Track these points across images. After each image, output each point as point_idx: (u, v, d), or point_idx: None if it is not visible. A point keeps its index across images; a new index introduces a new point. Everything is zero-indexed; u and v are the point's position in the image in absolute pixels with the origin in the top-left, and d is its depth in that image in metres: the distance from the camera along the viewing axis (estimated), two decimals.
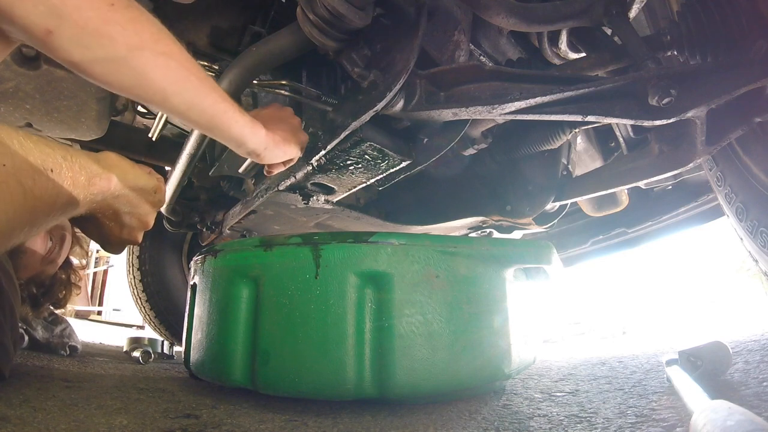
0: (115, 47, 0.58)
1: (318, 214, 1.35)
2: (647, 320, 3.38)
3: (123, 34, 0.58)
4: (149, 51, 0.61)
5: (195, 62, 0.68)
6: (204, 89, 0.69)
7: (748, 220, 0.87)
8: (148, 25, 0.61)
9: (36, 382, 0.94)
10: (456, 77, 0.86)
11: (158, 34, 0.62)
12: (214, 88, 0.71)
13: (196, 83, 0.67)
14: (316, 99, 1.08)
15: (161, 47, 0.62)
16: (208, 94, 0.69)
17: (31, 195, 0.52)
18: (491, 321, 0.91)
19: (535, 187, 1.27)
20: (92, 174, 0.62)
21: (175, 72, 0.64)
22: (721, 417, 0.52)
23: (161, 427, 0.67)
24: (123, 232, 0.75)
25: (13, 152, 0.50)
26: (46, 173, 0.54)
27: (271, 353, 0.84)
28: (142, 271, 2.28)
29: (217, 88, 0.71)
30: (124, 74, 0.61)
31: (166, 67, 0.63)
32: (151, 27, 0.62)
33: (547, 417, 0.77)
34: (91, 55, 0.58)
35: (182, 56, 0.65)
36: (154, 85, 0.64)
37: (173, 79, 0.65)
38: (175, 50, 0.64)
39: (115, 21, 0.57)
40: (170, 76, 0.64)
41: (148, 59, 0.61)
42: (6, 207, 0.49)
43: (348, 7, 0.77)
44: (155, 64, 0.62)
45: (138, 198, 0.72)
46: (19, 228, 0.53)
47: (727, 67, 0.74)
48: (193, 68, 0.67)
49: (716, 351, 0.92)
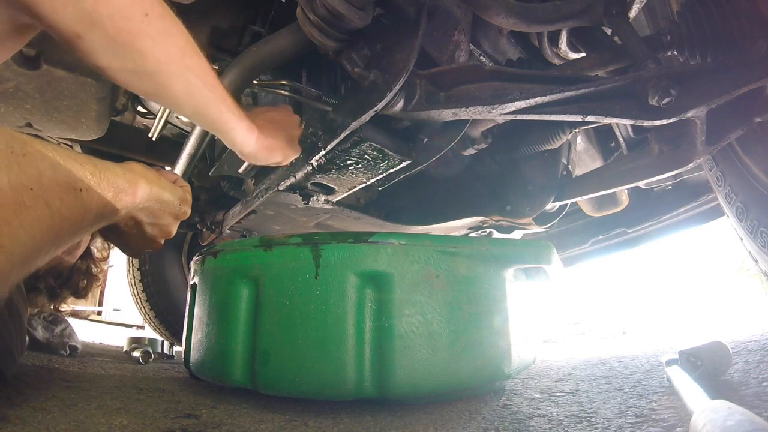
0: (144, 61, 0.60)
1: (318, 214, 1.35)
2: (647, 320, 3.38)
3: (153, 48, 0.59)
4: (175, 66, 0.63)
5: (211, 72, 0.71)
6: (214, 99, 0.72)
7: (748, 220, 0.87)
8: (176, 38, 0.63)
9: (36, 382, 0.94)
10: (456, 77, 0.86)
11: (185, 47, 0.64)
12: (223, 99, 0.74)
13: (208, 95, 0.71)
14: (316, 99, 1.08)
15: (186, 62, 0.65)
16: (216, 105, 0.73)
17: (59, 215, 0.50)
18: (491, 321, 0.91)
19: (535, 187, 1.27)
20: (119, 190, 0.60)
21: (193, 86, 0.68)
22: (721, 417, 0.52)
23: (161, 427, 0.67)
24: (144, 241, 0.76)
25: (41, 173, 0.48)
26: (75, 193, 0.52)
27: (271, 353, 0.84)
28: (142, 271, 2.28)
29: (225, 97, 0.75)
30: (148, 85, 0.64)
31: (186, 82, 0.67)
32: (179, 39, 0.63)
33: (547, 417, 0.77)
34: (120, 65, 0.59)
35: (202, 69, 0.68)
36: (172, 96, 0.67)
37: (189, 91, 0.68)
38: (197, 63, 0.67)
39: (147, 34, 0.58)
40: (188, 90, 0.68)
41: (173, 74, 0.64)
42: (33, 231, 0.47)
43: (348, 7, 0.77)
44: (179, 79, 0.65)
45: (162, 210, 0.73)
46: (45, 249, 0.51)
47: (727, 67, 0.74)
48: (209, 80, 0.70)
49: (716, 351, 0.92)
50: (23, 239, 0.46)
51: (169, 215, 0.75)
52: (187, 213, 0.79)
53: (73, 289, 1.43)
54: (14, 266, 0.46)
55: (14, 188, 0.45)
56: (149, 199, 0.68)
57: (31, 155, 0.47)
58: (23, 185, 0.46)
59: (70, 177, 0.51)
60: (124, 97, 1.34)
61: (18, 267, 0.47)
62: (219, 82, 0.73)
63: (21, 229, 0.45)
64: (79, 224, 0.55)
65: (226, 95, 0.75)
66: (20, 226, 0.45)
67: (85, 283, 1.47)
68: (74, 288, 1.43)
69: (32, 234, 0.47)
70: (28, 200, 0.46)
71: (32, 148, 0.48)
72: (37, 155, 0.48)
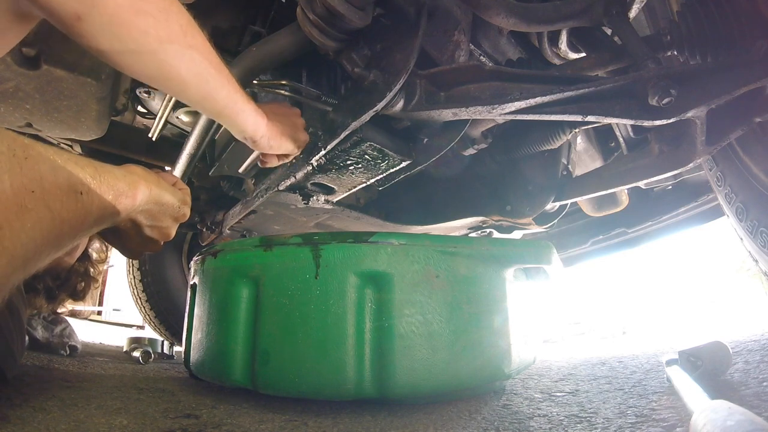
0: (146, 40, 0.58)
1: (318, 214, 1.35)
2: (647, 320, 3.38)
3: (155, 26, 0.57)
4: (178, 44, 0.61)
5: (214, 52, 0.69)
6: (220, 81, 0.70)
7: (748, 220, 0.87)
8: (178, 16, 0.61)
9: (36, 382, 0.94)
10: (456, 77, 0.86)
11: (187, 25, 0.62)
12: (229, 80, 0.72)
13: (215, 75, 0.69)
14: (316, 99, 1.08)
15: (189, 40, 0.63)
16: (224, 86, 0.71)
17: (59, 218, 0.50)
18: (491, 321, 0.91)
19: (535, 187, 1.27)
20: (119, 192, 0.60)
21: (198, 65, 0.65)
22: (721, 417, 0.52)
23: (161, 427, 0.67)
24: (143, 243, 0.75)
25: (43, 176, 0.48)
26: (75, 196, 0.52)
27: (271, 353, 0.84)
28: (142, 271, 2.28)
29: (231, 79, 0.73)
30: (151, 66, 0.62)
31: (191, 61, 0.64)
32: (181, 18, 0.61)
33: (547, 417, 0.77)
34: (121, 46, 0.58)
35: (205, 48, 0.66)
36: (177, 77, 0.65)
37: (195, 72, 0.66)
38: (200, 42, 0.65)
39: (147, 12, 0.56)
40: (193, 69, 0.65)
41: (176, 53, 0.62)
42: (34, 234, 0.47)
43: (348, 7, 0.77)
44: (182, 57, 0.63)
45: (161, 212, 0.72)
46: (46, 252, 0.51)
47: (727, 67, 0.74)
48: (214, 60, 0.68)
49: (716, 351, 0.92)
50: (24, 242, 0.46)
51: (169, 217, 0.75)
52: (187, 215, 0.79)
53: (71, 291, 1.43)
54: (15, 269, 0.46)
55: (16, 191, 0.45)
56: (149, 201, 0.67)
57: (32, 158, 0.47)
58: (25, 188, 0.46)
59: (70, 180, 0.51)
60: (124, 97, 1.34)
61: (19, 269, 0.47)
62: (223, 63, 0.71)
63: (22, 232, 0.45)
64: (79, 227, 0.55)
65: (231, 76, 0.73)
66: (21, 229, 0.45)
67: (83, 286, 1.47)
68: (72, 290, 1.43)
69: (33, 237, 0.47)
70: (30, 203, 0.46)
71: (34, 151, 0.48)
72: (39, 158, 0.48)
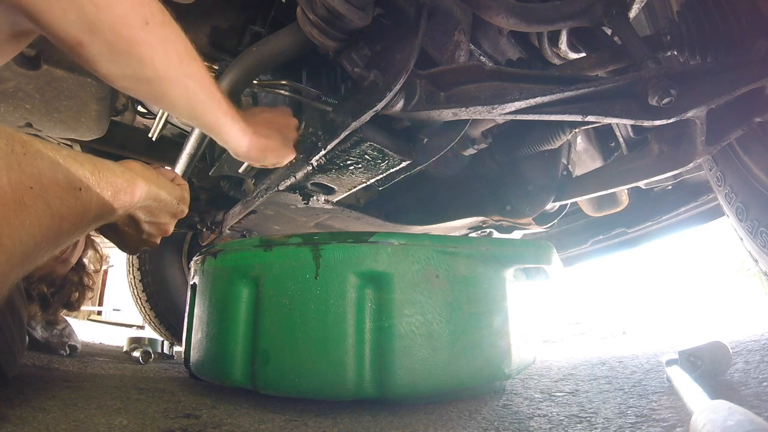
0: (143, 69, 0.61)
1: (318, 214, 1.35)
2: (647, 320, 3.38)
3: (152, 56, 0.60)
4: (173, 73, 0.64)
5: (209, 78, 0.72)
6: (210, 104, 0.73)
7: (748, 220, 0.87)
8: (176, 45, 0.63)
9: (36, 382, 0.94)
10: (456, 77, 0.86)
11: (185, 54, 0.65)
12: (219, 103, 0.75)
13: (205, 100, 0.72)
14: (316, 99, 1.07)
15: (185, 69, 0.66)
16: (212, 110, 0.75)
17: (58, 215, 0.50)
18: (491, 321, 0.91)
19: (535, 187, 1.27)
20: (118, 189, 0.61)
21: (189, 92, 0.69)
22: (721, 417, 0.52)
23: (161, 427, 0.67)
24: (141, 239, 0.76)
25: (42, 173, 0.48)
26: (74, 192, 0.52)
27: (271, 353, 0.84)
28: (142, 271, 2.28)
29: (222, 102, 0.76)
30: (146, 90, 0.65)
31: (184, 89, 0.68)
32: (179, 46, 0.64)
33: (547, 417, 0.77)
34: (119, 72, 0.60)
35: (201, 76, 0.69)
36: (170, 101, 0.68)
37: (186, 98, 0.69)
38: (196, 71, 0.68)
39: (146, 42, 0.59)
40: (185, 96, 0.69)
41: (171, 81, 0.65)
42: (33, 231, 0.47)
43: (348, 7, 0.77)
44: (176, 87, 0.66)
45: (159, 208, 0.73)
46: (45, 248, 0.51)
47: (727, 67, 0.74)
48: (206, 86, 0.71)
49: (716, 351, 0.92)
50: (23, 238, 0.46)
51: (167, 214, 0.75)
52: (185, 211, 0.79)
53: (65, 300, 1.44)
54: (14, 266, 0.47)
55: (15, 188, 0.45)
56: (147, 197, 0.68)
57: (31, 155, 0.47)
58: (24, 185, 0.46)
59: (69, 176, 0.51)
60: (124, 97, 1.34)
61: (18, 266, 0.48)
62: (216, 87, 0.74)
63: (21, 229, 0.46)
64: (78, 223, 0.55)
65: (222, 100, 0.76)
66: (20, 226, 0.45)
67: (77, 296, 1.48)
68: (66, 299, 1.44)
69: (32, 233, 0.47)
70: (29, 200, 0.46)
71: (32, 148, 0.48)
72: (38, 154, 0.48)
